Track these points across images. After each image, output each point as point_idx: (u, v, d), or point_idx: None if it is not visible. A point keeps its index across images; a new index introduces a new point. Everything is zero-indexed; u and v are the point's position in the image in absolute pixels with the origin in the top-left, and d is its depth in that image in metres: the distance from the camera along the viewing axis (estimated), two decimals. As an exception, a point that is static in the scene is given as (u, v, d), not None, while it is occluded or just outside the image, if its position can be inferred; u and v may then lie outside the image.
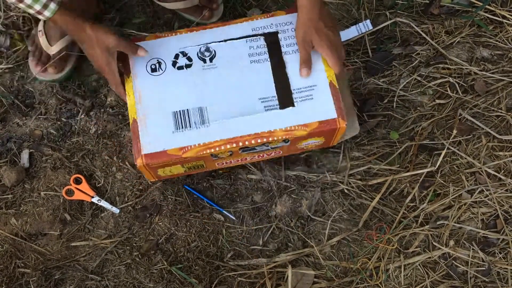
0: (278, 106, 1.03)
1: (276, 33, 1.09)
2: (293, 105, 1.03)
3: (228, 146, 1.01)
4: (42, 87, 1.32)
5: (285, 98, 1.04)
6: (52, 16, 1.01)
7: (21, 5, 0.99)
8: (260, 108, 1.03)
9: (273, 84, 1.05)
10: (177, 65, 1.07)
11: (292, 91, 1.04)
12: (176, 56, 1.08)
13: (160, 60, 1.08)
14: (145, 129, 1.03)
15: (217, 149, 1.01)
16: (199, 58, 1.08)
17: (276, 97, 1.04)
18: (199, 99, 1.05)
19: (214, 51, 1.08)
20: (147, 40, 1.10)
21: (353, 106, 1.14)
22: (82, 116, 1.28)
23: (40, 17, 1.01)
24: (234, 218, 1.17)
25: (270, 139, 1.02)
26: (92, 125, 1.27)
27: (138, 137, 1.02)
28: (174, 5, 1.34)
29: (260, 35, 1.09)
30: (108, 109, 1.29)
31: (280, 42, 1.08)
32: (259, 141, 1.02)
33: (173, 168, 1.07)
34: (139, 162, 1.01)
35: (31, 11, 1.00)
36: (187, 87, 1.06)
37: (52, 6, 1.00)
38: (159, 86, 1.06)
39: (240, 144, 1.01)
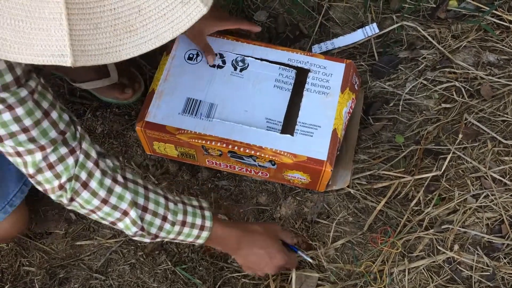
0: (279, 131, 1.10)
1: (308, 70, 1.15)
2: (292, 135, 1.08)
3: (219, 144, 1.07)
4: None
5: (288, 126, 1.11)
6: (209, 235, 0.93)
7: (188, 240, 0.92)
8: (262, 125, 1.10)
9: (284, 112, 1.12)
10: None
11: (297, 123, 1.10)
12: None
13: (199, 53, 1.18)
14: (157, 102, 1.12)
15: (208, 142, 1.08)
16: (232, 64, 1.16)
17: (281, 123, 1.11)
18: (214, 97, 1.13)
19: (248, 64, 1.16)
20: None
21: (351, 162, 1.20)
22: (89, 115, 1.28)
23: (198, 241, 0.93)
24: (310, 260, 1.12)
25: (258, 153, 1.07)
26: (98, 125, 1.27)
27: (149, 105, 1.11)
28: (93, 84, 1.25)
29: (294, 67, 1.16)
30: (114, 109, 1.29)
31: (307, 79, 1.14)
32: (247, 151, 1.07)
33: (167, 146, 1.14)
34: (139, 125, 1.10)
35: (190, 239, 0.92)
36: (209, 83, 1.15)
37: (208, 223, 0.92)
38: (187, 73, 1.16)
39: (230, 147, 1.07)
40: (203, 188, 1.21)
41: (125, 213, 0.84)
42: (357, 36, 1.38)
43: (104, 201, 0.81)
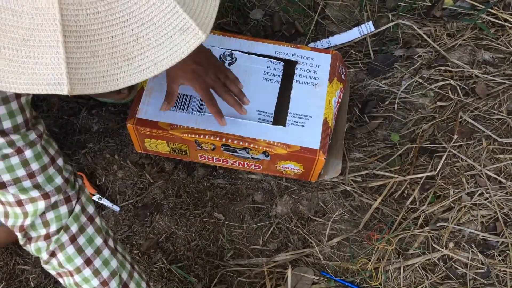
0: (270, 122, 1.10)
1: (295, 62, 1.16)
2: (284, 126, 1.09)
3: (212, 138, 1.08)
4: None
5: (279, 117, 1.11)
6: None
7: None
8: (254, 117, 1.11)
9: (275, 104, 1.13)
10: None
11: (288, 114, 1.10)
12: None
13: None
14: (147, 99, 1.11)
15: (201, 137, 1.08)
16: (220, 59, 1.16)
17: (272, 115, 1.12)
18: None
19: (236, 58, 1.16)
20: None
21: (342, 151, 1.20)
22: (84, 114, 1.28)
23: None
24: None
25: (252, 145, 1.07)
26: (94, 123, 1.27)
27: (139, 102, 1.11)
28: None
29: (282, 60, 1.16)
30: (110, 107, 1.29)
31: (295, 70, 1.15)
32: (241, 143, 1.07)
33: (159, 143, 1.13)
34: (130, 122, 1.09)
35: None
36: None
37: None
38: None
39: (223, 140, 1.07)
40: (199, 187, 1.21)
41: (104, 284, 0.76)
42: (353, 34, 1.38)
43: (88, 262, 0.74)
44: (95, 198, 1.19)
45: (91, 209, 0.76)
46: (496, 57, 1.35)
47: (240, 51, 1.17)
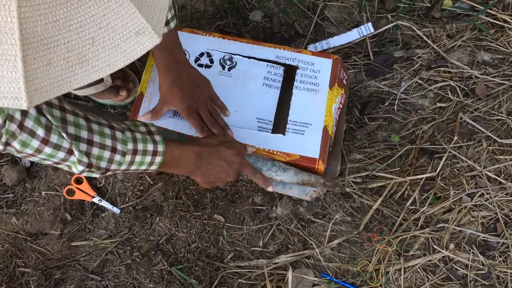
0: (270, 130, 1.10)
1: (296, 67, 1.15)
2: (284, 134, 1.09)
3: None
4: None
5: (279, 125, 1.11)
6: (163, 160, 0.87)
7: (132, 168, 0.85)
8: (253, 125, 1.10)
9: (274, 111, 1.12)
10: (199, 62, 1.15)
11: (288, 122, 1.10)
12: (201, 54, 1.16)
13: (186, 52, 1.14)
14: (147, 105, 1.11)
15: None
16: (220, 63, 1.15)
17: (272, 122, 1.11)
18: None
19: (236, 62, 1.15)
20: (183, 31, 1.17)
21: (340, 153, 1.20)
22: (84, 116, 1.28)
23: (152, 168, 0.88)
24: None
25: (251, 154, 1.07)
26: (93, 125, 1.27)
27: (138, 109, 1.11)
28: (87, 91, 1.22)
29: (282, 64, 1.15)
30: (109, 109, 1.29)
31: (295, 76, 1.14)
32: None
33: None
34: None
35: (143, 167, 0.87)
36: None
37: (158, 138, 0.87)
38: None
39: None
40: (199, 188, 1.21)
41: (70, 152, 0.78)
42: (352, 35, 1.38)
43: (44, 141, 0.75)
44: (95, 200, 1.19)
45: None
46: (496, 58, 1.35)
47: (240, 55, 1.16)
